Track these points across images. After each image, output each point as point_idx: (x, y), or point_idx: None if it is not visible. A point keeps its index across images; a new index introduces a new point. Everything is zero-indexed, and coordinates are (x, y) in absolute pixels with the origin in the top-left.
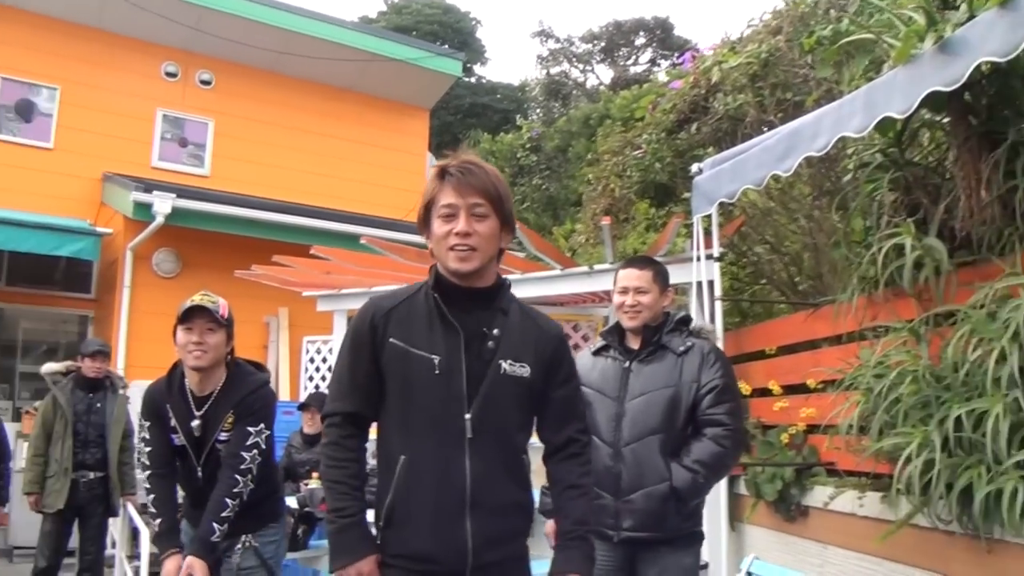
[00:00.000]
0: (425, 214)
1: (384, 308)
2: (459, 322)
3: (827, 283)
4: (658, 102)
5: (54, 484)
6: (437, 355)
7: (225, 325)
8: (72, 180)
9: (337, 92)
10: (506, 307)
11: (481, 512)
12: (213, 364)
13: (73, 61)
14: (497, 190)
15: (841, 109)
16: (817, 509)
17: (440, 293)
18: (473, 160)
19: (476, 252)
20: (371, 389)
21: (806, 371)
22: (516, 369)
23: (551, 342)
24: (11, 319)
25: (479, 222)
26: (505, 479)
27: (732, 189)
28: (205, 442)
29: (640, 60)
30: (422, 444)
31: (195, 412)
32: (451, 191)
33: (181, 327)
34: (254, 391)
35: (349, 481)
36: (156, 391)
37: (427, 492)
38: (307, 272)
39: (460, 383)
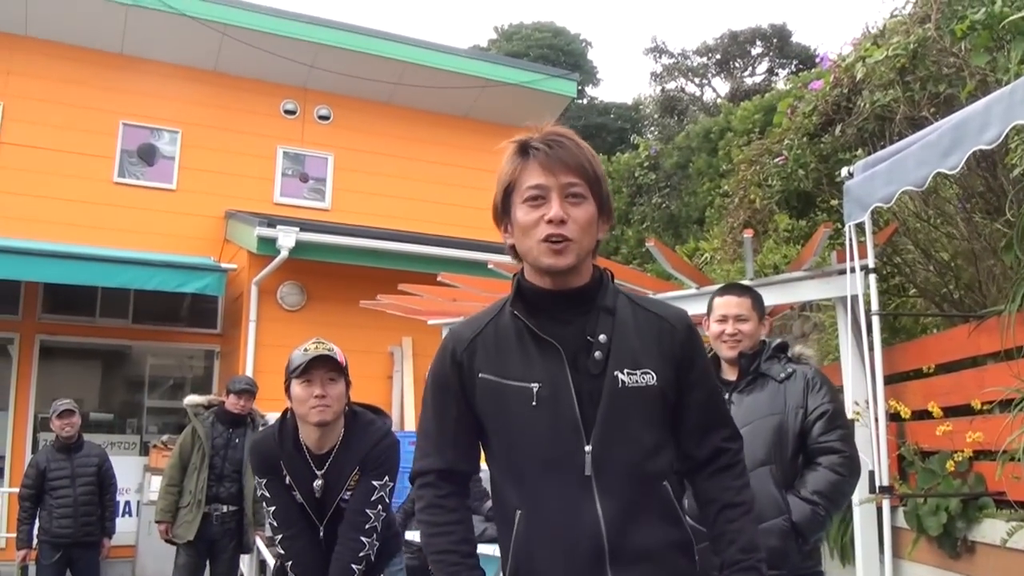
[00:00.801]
0: (503, 202)
1: (466, 338)
2: (555, 336)
3: (986, 293)
4: (796, 105)
5: (186, 515)
6: (536, 382)
7: (344, 372)
8: (195, 219)
9: (453, 120)
10: (611, 304)
11: (624, 562)
12: (336, 418)
13: (193, 105)
14: (593, 167)
15: (1014, 94)
16: (986, 545)
17: (524, 305)
18: (561, 131)
19: (572, 244)
20: (464, 439)
21: (970, 391)
22: (638, 378)
23: (678, 333)
24: (139, 355)
25: (575, 206)
26: (648, 516)
27: (888, 192)
28: (328, 503)
29: (757, 70)
30: (538, 492)
31: (316, 471)
32: (539, 169)
33: (299, 380)
34: (378, 443)
35: (457, 548)
36: (266, 447)
37: (554, 550)
38: (433, 300)
39: (571, 410)
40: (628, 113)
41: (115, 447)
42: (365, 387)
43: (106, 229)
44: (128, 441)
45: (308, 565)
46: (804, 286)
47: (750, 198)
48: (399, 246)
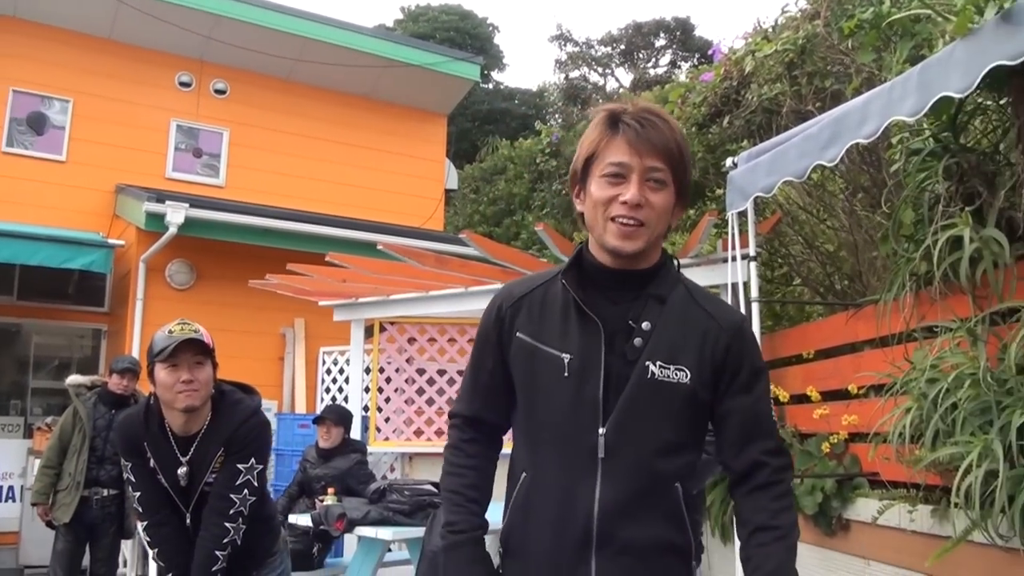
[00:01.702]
0: (583, 169)
1: (515, 296)
2: (600, 313)
3: (867, 283)
4: (687, 96)
5: (64, 498)
6: (569, 353)
7: (212, 354)
8: (85, 193)
9: (354, 100)
10: (665, 293)
11: (610, 552)
12: (205, 401)
13: (85, 73)
14: (681, 153)
15: (892, 91)
16: (860, 523)
17: (577, 276)
18: (655, 110)
19: (644, 229)
20: (497, 391)
21: (847, 376)
22: (670, 373)
23: (724, 336)
24: (24, 334)
25: (654, 191)
26: (647, 513)
27: (770, 182)
28: (194, 488)
29: (660, 62)
30: (547, 461)
31: (180, 458)
32: (625, 147)
33: (163, 365)
34: (244, 422)
35: (464, 491)
36: (131, 429)
37: (546, 522)
38: (323, 281)
39: (595, 389)
40: (532, 99)
41: None
42: (256, 369)
43: None
44: (11, 423)
45: (173, 552)
46: (690, 273)
47: None
48: (290, 225)
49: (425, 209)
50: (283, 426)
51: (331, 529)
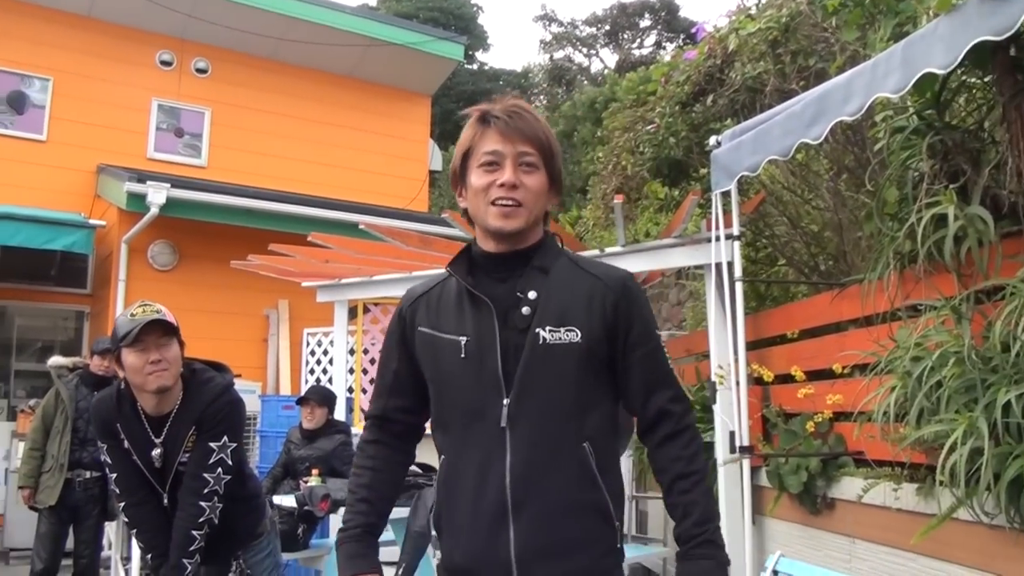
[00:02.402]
0: (461, 166)
1: (414, 296)
2: (489, 293)
3: (851, 262)
4: (671, 75)
5: (48, 480)
6: (465, 335)
7: (177, 332)
8: (66, 173)
9: (337, 79)
10: (548, 264)
11: (525, 516)
12: (175, 380)
13: (66, 51)
14: (548, 140)
15: (876, 68)
16: (845, 502)
17: (465, 266)
18: (521, 104)
19: (522, 208)
20: (403, 389)
21: (832, 355)
22: (561, 335)
23: (611, 292)
24: (6, 316)
25: (527, 174)
26: (557, 474)
27: (754, 161)
28: (168, 469)
29: (645, 43)
30: (460, 441)
31: (154, 439)
32: (496, 136)
33: (130, 349)
34: (215, 400)
35: (357, 491)
36: (104, 410)
37: (465, 495)
38: (306, 261)
39: (493, 363)
40: (517, 80)
41: None
42: (239, 349)
43: None
44: None
45: (152, 533)
46: (674, 253)
47: (622, 165)
48: (273, 205)
49: (409, 190)
50: (267, 408)
51: (315, 510)
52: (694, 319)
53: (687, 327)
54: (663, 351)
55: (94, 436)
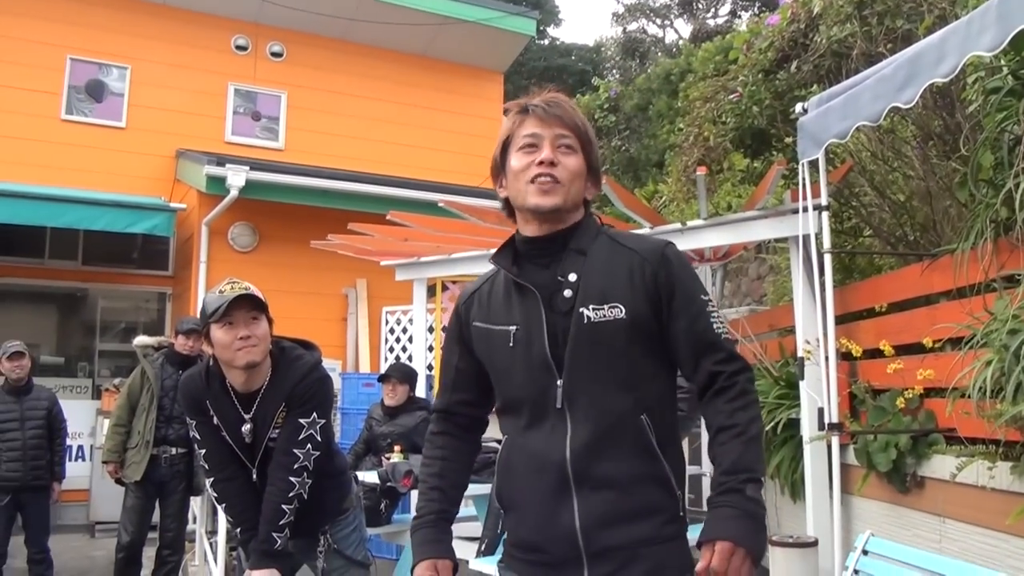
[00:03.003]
0: (502, 156)
1: (467, 293)
2: (533, 280)
3: (941, 232)
4: (753, 42)
5: (134, 456)
6: (514, 325)
7: (266, 309)
8: (146, 159)
9: (410, 58)
10: (585, 245)
11: (588, 488)
12: (264, 357)
13: (142, 39)
14: (586, 129)
15: (970, 26)
16: (935, 480)
17: (509, 256)
18: (559, 95)
19: (560, 186)
20: (465, 384)
21: (922, 329)
22: (605, 312)
23: (648, 264)
24: (90, 298)
25: (565, 155)
26: (616, 449)
27: (843, 127)
28: (258, 444)
29: (720, 12)
30: (519, 422)
31: (244, 415)
32: (535, 121)
33: (219, 325)
34: (304, 377)
35: (429, 479)
36: (193, 388)
37: (527, 472)
38: (384, 240)
39: (541, 348)
40: (590, 55)
41: (67, 391)
42: (319, 328)
43: (54, 168)
44: (80, 385)
45: (241, 508)
46: (757, 225)
47: (704, 135)
48: (351, 186)
49: (483, 168)
50: (348, 385)
51: (398, 486)
52: (775, 294)
53: (768, 302)
54: (711, 315)
55: (179, 414)
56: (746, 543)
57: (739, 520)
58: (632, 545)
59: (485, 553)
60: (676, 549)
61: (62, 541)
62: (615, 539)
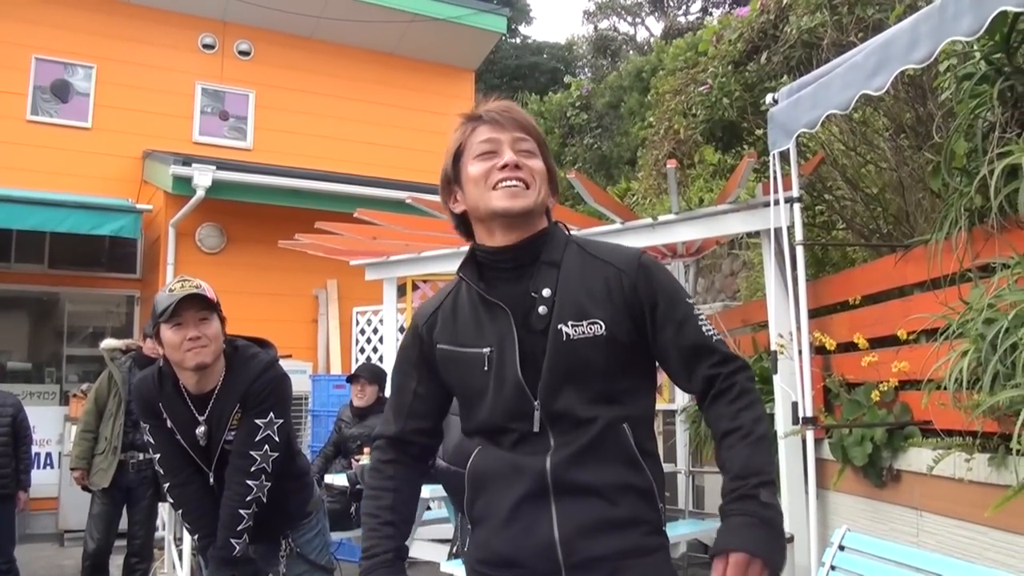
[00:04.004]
0: (453, 167)
1: (427, 312)
2: (503, 297)
3: (914, 223)
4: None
5: (101, 462)
6: (488, 347)
7: (216, 308)
8: (112, 159)
9: (379, 57)
10: (557, 257)
11: (568, 498)
12: (216, 358)
13: (108, 38)
14: (540, 134)
15: (944, 11)
16: (912, 473)
17: (474, 270)
18: (509, 102)
19: (530, 189)
20: (422, 410)
21: (896, 321)
22: (584, 329)
23: (626, 275)
24: (58, 302)
25: (527, 158)
26: (597, 460)
27: (813, 117)
28: (214, 447)
29: (691, 9)
30: (493, 440)
31: (198, 417)
32: (489, 127)
33: (167, 325)
34: (259, 376)
35: (379, 513)
36: (145, 389)
37: (503, 484)
38: (353, 239)
39: (513, 370)
40: (561, 53)
41: (34, 397)
42: (290, 330)
43: (18, 169)
44: (47, 391)
45: (198, 513)
46: (729, 219)
47: (675, 129)
48: (319, 185)
49: None
50: (318, 387)
51: None
52: (748, 289)
53: (741, 298)
54: (698, 319)
55: None
56: (762, 553)
57: (754, 528)
58: (615, 556)
59: (457, 555)
60: (660, 562)
61: (30, 550)
62: (596, 550)
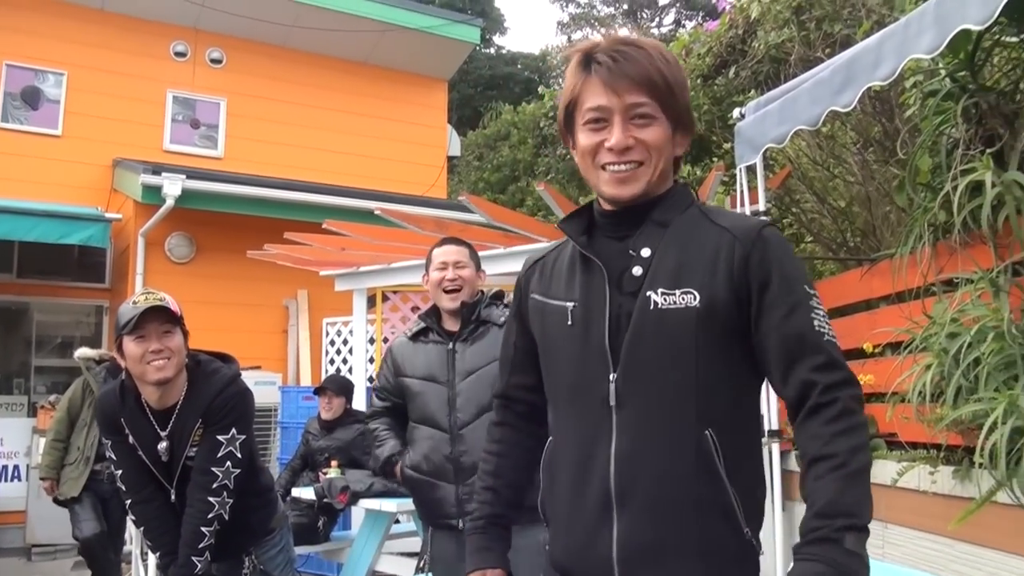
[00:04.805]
0: (566, 119)
1: (530, 262)
2: (602, 253)
3: (881, 237)
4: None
5: (72, 472)
6: (573, 301)
7: (180, 321)
8: (82, 167)
9: (352, 66)
10: (669, 217)
11: (630, 510)
12: (178, 372)
13: (80, 45)
14: (665, 79)
15: (907, 28)
16: (877, 485)
17: (577, 224)
18: (629, 41)
19: (641, 169)
20: (523, 365)
21: (862, 334)
22: (676, 299)
23: (740, 244)
24: (26, 312)
25: (642, 128)
26: (670, 464)
27: (781, 132)
28: (175, 463)
29: (664, 21)
30: (565, 421)
31: (159, 432)
32: (600, 88)
33: (131, 337)
34: (221, 391)
35: (483, 478)
36: (107, 405)
37: (567, 482)
38: (323, 250)
39: (600, 334)
40: (535, 63)
41: (2, 409)
42: (259, 341)
43: None
44: (15, 402)
45: (160, 531)
46: None
47: None
48: (289, 195)
49: (427, 177)
50: (287, 399)
51: (334, 502)
52: None
53: None
54: (813, 309)
55: None
56: None
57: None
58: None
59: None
60: None
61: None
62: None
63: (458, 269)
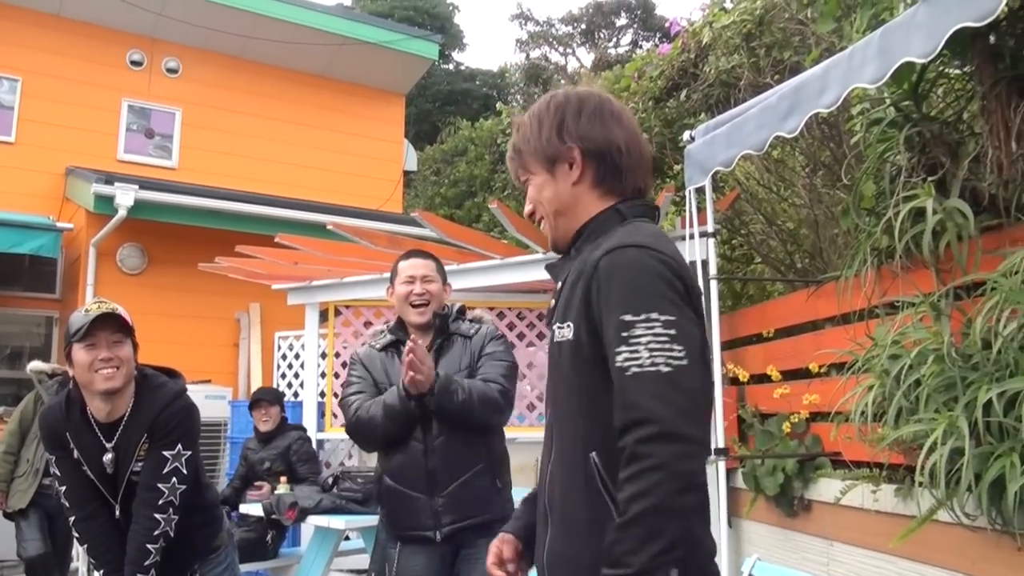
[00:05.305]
0: None
1: None
2: (556, 278)
3: (828, 260)
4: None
5: (20, 484)
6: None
7: (131, 333)
8: (35, 175)
9: (309, 79)
10: (581, 247)
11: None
12: (126, 382)
13: (35, 51)
14: (517, 147)
15: (852, 58)
16: (822, 503)
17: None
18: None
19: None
20: None
21: (808, 355)
22: (564, 332)
23: (587, 278)
24: None
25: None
26: (572, 485)
27: (728, 156)
28: (120, 478)
29: (622, 42)
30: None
31: (105, 444)
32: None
33: (80, 344)
34: (166, 407)
35: None
36: (52, 418)
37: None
38: (275, 263)
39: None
40: (494, 80)
41: None
42: (211, 354)
43: None
44: None
45: (104, 548)
46: None
47: None
48: (243, 207)
49: (383, 191)
50: (237, 414)
51: (283, 518)
52: None
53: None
54: (629, 341)
55: None
56: None
57: None
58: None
59: None
60: None
61: None
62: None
63: (426, 283)
